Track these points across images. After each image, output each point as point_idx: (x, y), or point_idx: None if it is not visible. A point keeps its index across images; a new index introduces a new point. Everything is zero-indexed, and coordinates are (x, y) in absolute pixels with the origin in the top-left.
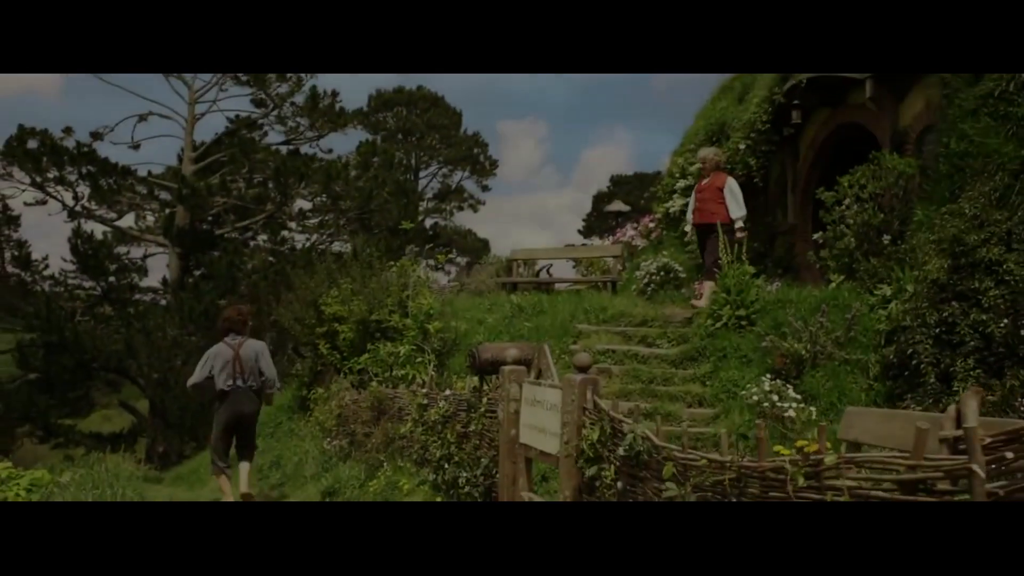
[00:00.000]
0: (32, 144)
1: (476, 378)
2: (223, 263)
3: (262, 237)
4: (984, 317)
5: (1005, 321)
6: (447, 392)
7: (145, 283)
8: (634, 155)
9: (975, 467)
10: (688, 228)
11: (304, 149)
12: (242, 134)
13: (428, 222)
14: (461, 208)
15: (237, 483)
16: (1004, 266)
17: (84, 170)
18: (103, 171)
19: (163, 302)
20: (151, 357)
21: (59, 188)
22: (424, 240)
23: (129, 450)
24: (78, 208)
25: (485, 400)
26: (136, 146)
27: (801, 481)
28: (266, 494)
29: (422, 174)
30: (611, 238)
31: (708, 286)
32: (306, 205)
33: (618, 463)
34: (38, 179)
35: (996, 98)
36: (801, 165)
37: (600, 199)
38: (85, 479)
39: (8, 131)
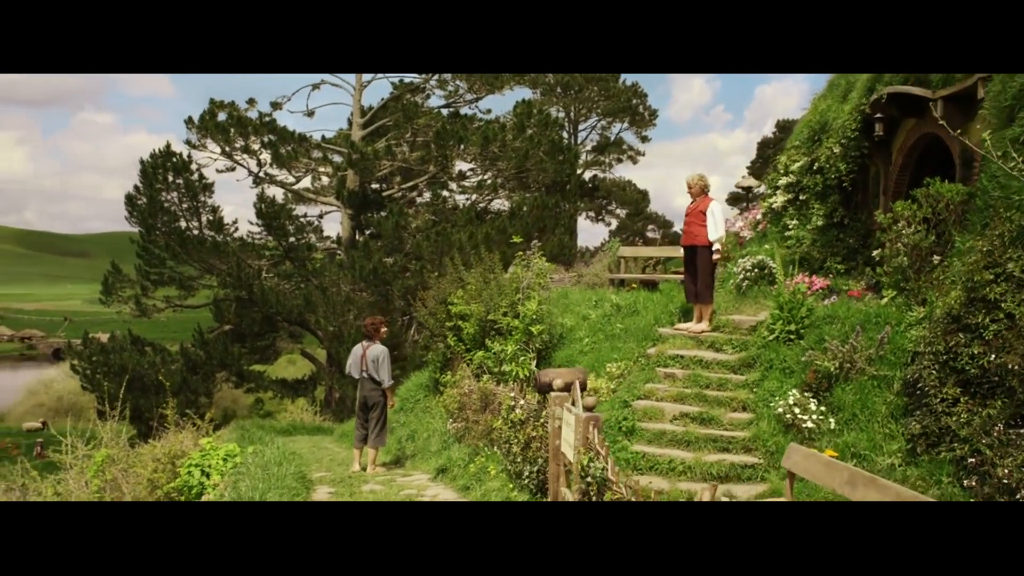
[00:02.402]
0: (221, 116)
1: (539, 395)
2: (390, 223)
3: (427, 194)
4: (978, 351)
5: (993, 356)
6: (521, 402)
7: (320, 242)
8: (811, 91)
9: None
10: None
11: (464, 111)
12: (406, 99)
13: (587, 175)
14: (620, 160)
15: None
16: (1004, 304)
17: (266, 139)
18: (282, 139)
19: (339, 256)
20: (327, 311)
21: (245, 156)
22: (582, 194)
23: (309, 396)
24: (261, 174)
25: (544, 413)
26: (311, 113)
27: None
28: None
29: (581, 127)
30: (744, 212)
31: (707, 310)
32: (466, 166)
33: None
34: (227, 149)
35: (1022, 143)
36: (892, 168)
37: (765, 145)
38: (259, 458)
39: (203, 105)
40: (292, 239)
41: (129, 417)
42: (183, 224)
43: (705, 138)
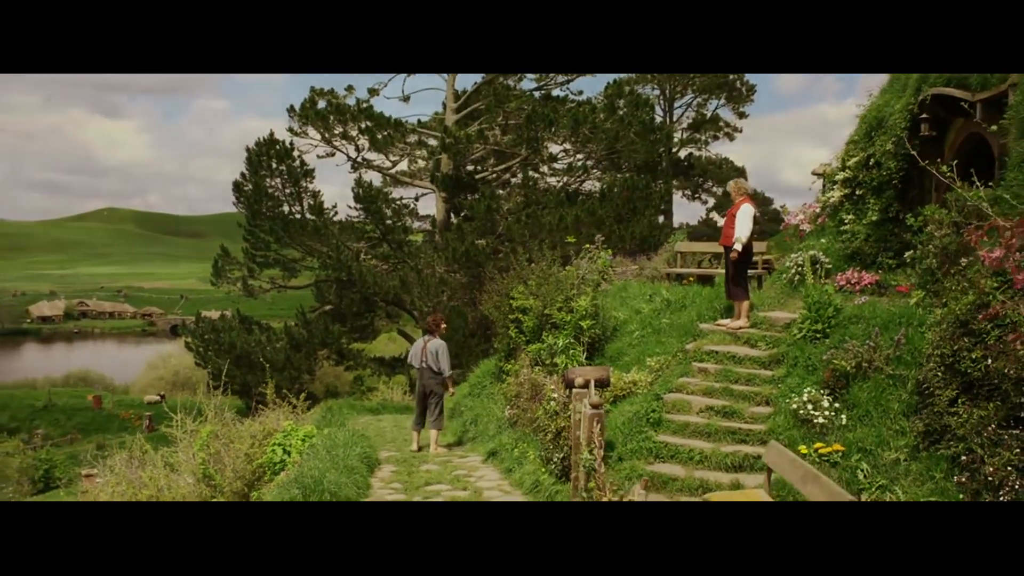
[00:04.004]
0: (321, 104)
1: (567, 390)
2: (482, 205)
3: (520, 175)
4: (976, 355)
5: (991, 361)
6: (556, 395)
7: (416, 224)
8: None
9: None
10: None
11: (555, 92)
12: (498, 82)
13: (683, 152)
14: (716, 137)
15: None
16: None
17: (363, 125)
18: (379, 125)
19: (437, 238)
20: (421, 292)
21: (343, 142)
22: (677, 172)
23: (405, 374)
24: (359, 159)
25: (570, 407)
26: (406, 98)
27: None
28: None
29: (676, 104)
30: (805, 205)
31: (743, 307)
32: (557, 148)
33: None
34: (327, 135)
35: None
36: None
37: None
38: (329, 440)
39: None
40: (389, 222)
41: (238, 392)
42: (286, 208)
43: (815, 109)
